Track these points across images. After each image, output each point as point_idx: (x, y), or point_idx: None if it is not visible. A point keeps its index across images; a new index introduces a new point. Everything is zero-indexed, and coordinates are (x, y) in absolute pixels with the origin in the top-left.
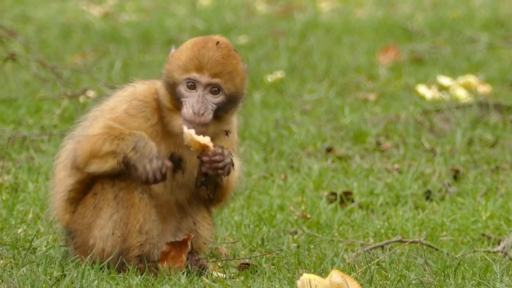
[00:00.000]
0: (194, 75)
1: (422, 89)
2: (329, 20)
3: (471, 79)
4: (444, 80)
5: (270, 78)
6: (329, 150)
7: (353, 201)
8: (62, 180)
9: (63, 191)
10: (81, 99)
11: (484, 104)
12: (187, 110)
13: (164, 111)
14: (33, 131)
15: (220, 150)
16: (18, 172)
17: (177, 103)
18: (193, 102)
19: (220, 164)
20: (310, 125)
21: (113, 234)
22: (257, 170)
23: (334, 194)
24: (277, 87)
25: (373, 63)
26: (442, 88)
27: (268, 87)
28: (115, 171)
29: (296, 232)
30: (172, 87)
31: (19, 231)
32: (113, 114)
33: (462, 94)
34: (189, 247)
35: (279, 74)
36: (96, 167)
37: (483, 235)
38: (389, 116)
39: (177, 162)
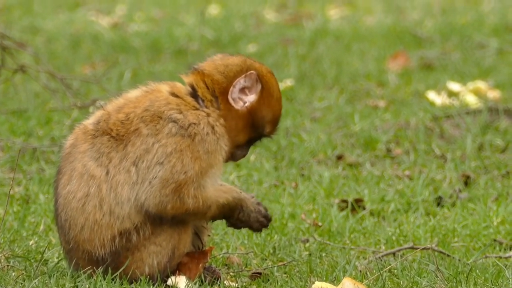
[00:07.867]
0: None
1: (431, 95)
2: (338, 27)
3: (481, 84)
4: (454, 86)
5: (280, 86)
6: (339, 157)
7: (364, 208)
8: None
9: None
10: (91, 109)
11: (494, 109)
12: None
13: None
14: (44, 142)
15: None
16: (29, 184)
17: None
18: None
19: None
20: (320, 132)
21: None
22: (267, 178)
23: (345, 201)
24: (287, 95)
25: (383, 69)
26: (451, 94)
27: None
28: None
29: (307, 240)
30: None
31: (30, 243)
32: None
33: (472, 100)
34: (208, 258)
35: (288, 82)
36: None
37: (495, 240)
38: (399, 123)
39: None
